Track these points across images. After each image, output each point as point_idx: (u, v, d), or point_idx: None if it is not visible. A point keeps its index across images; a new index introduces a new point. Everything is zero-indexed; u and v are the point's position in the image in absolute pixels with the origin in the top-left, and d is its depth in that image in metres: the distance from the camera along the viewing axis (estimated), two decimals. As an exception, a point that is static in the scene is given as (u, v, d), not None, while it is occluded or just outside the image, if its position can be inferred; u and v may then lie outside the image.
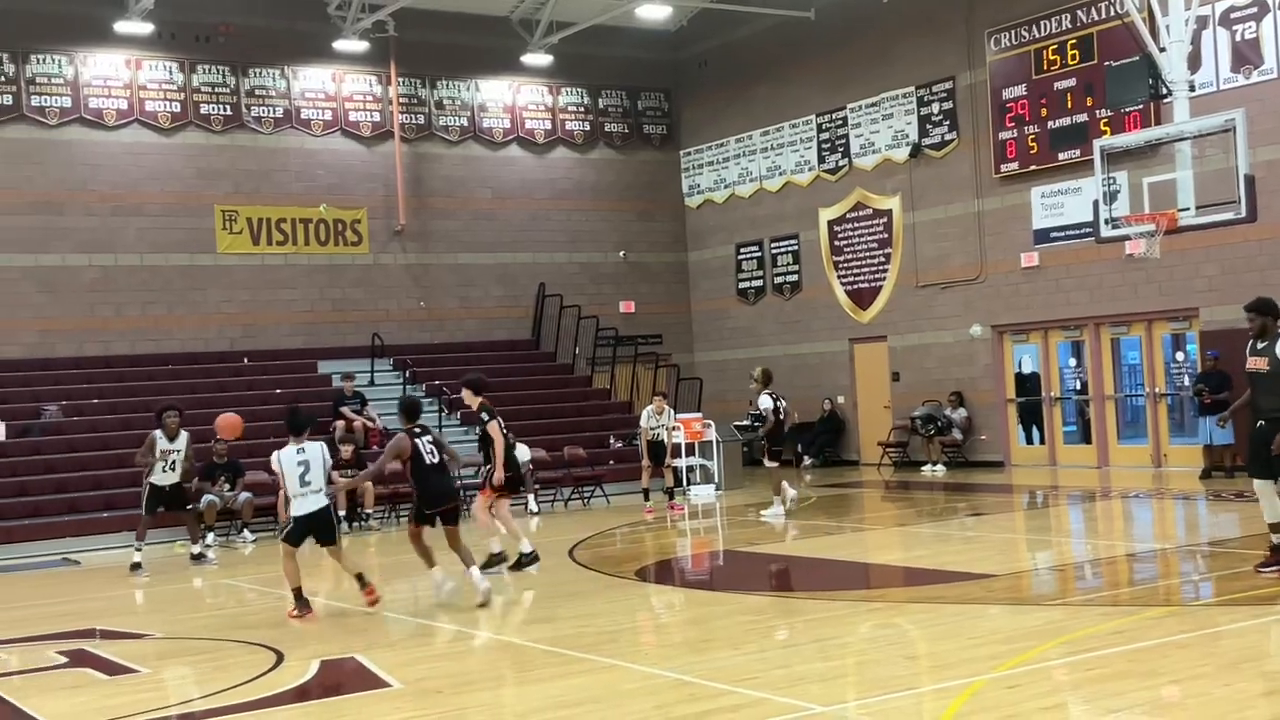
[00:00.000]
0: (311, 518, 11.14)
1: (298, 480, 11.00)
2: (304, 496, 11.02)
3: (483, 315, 26.01)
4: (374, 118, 25.12)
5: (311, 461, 11.08)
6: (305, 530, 11.22)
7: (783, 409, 17.44)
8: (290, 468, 11.04)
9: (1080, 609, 10.00)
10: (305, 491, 11.01)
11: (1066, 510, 17.40)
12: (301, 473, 11.00)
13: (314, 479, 11.06)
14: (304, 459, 11.07)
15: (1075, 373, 22.07)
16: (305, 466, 11.02)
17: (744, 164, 27.14)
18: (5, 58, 21.99)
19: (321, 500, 11.14)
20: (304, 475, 11.00)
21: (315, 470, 11.08)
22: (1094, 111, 20.56)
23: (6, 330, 21.76)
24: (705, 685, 7.85)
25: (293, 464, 11.05)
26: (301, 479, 11.00)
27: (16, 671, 9.73)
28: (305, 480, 11.00)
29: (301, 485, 10.99)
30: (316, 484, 11.08)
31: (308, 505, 11.06)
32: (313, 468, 11.06)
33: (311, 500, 11.08)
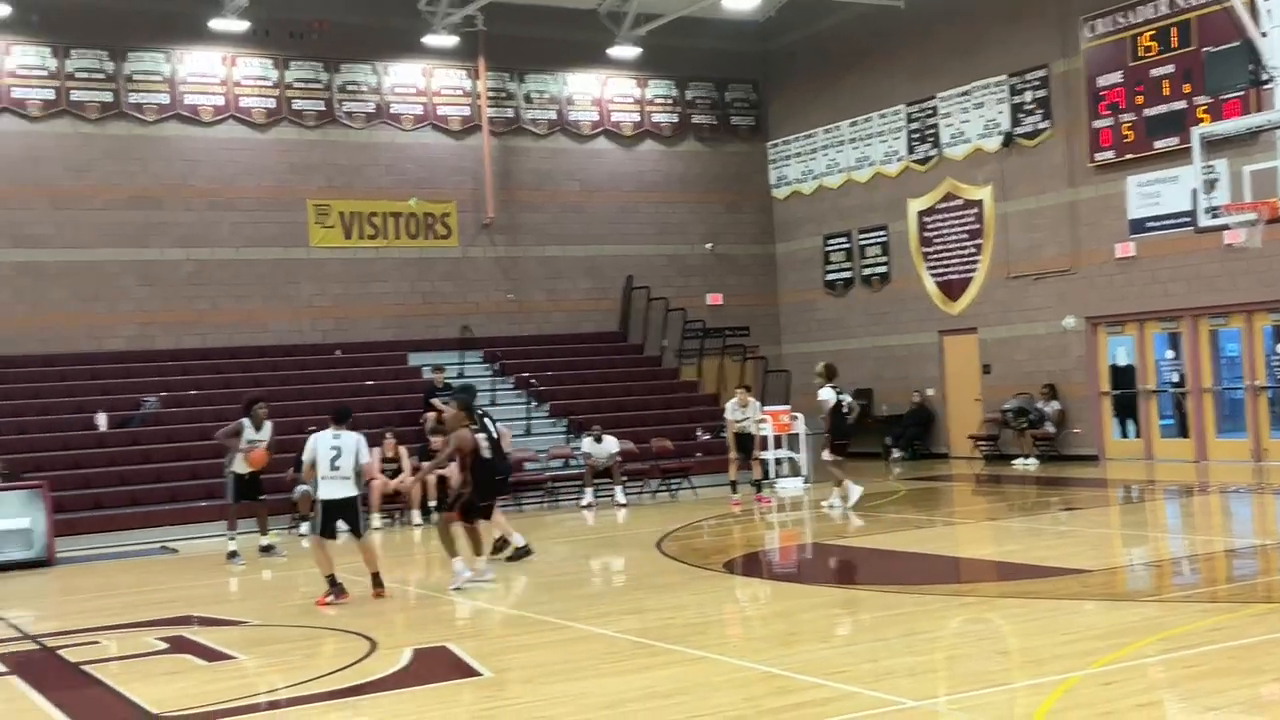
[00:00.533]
0: (338, 504, 11.41)
1: (328, 463, 11.31)
2: (331, 480, 11.33)
3: (570, 307, 26.14)
4: (463, 112, 25.33)
5: (344, 449, 11.37)
6: (332, 517, 11.51)
7: (845, 403, 17.48)
8: (324, 450, 11.38)
9: (1178, 605, 9.79)
10: (334, 476, 11.32)
11: (1163, 505, 17.05)
12: (333, 457, 11.32)
13: (343, 465, 11.34)
14: (338, 445, 11.38)
15: (1172, 365, 21.60)
16: (338, 452, 11.33)
17: (832, 155, 26.94)
18: (105, 56, 22.53)
19: (349, 489, 11.40)
20: (335, 460, 11.31)
21: (346, 458, 11.36)
22: (1192, 98, 20.08)
23: (108, 323, 22.32)
24: (794, 678, 7.82)
25: (326, 447, 11.40)
26: (332, 463, 11.31)
27: (117, 657, 9.98)
28: (335, 465, 11.30)
29: (331, 469, 11.29)
30: (345, 471, 11.36)
31: (334, 490, 11.35)
32: (344, 454, 11.35)
33: (338, 486, 11.35)
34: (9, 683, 9.12)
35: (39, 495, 16.27)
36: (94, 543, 17.30)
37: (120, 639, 10.65)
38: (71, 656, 9.96)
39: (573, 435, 21.65)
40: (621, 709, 7.39)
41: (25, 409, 20.32)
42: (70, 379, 21.38)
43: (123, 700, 8.33)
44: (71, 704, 8.29)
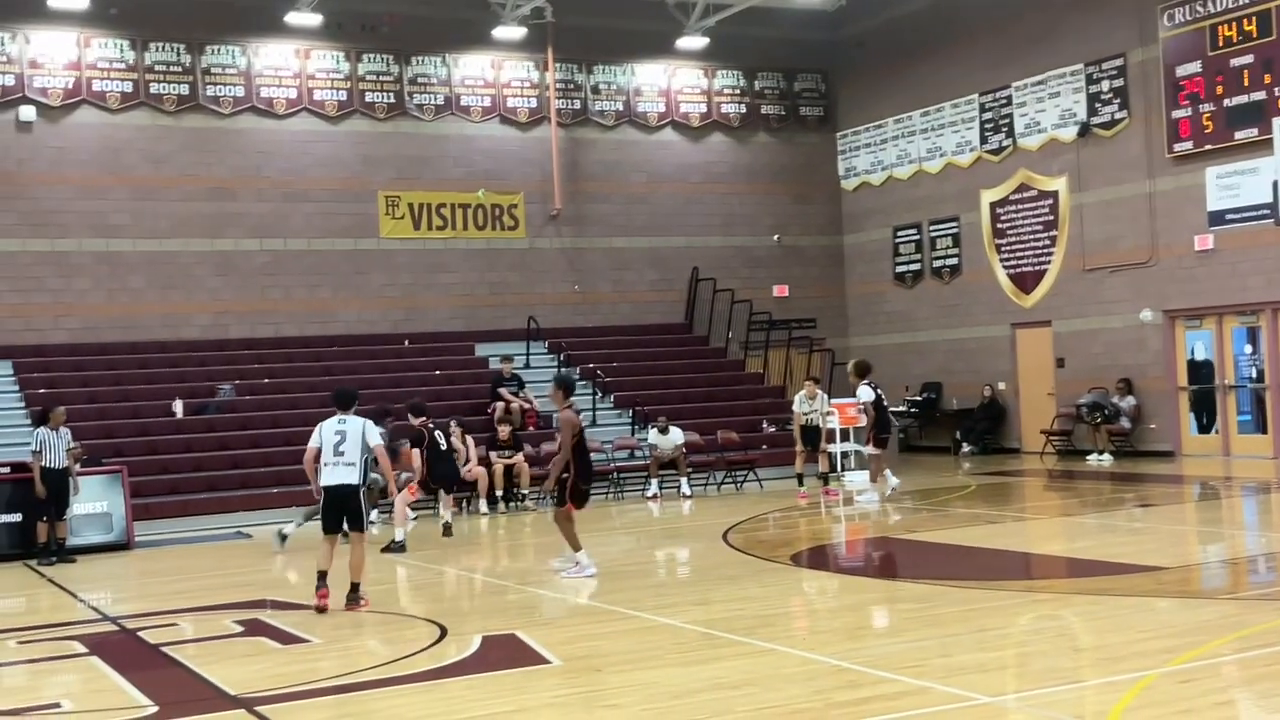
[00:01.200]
0: (338, 492, 10.92)
1: (331, 449, 10.95)
2: (334, 466, 10.92)
3: (636, 299, 26.15)
4: (531, 104, 25.43)
5: (349, 434, 10.98)
6: (333, 505, 10.95)
7: (882, 397, 18.14)
8: (327, 436, 11.03)
9: (1255, 603, 9.63)
10: (336, 461, 10.92)
11: (1240, 502, 16.74)
12: (337, 442, 10.94)
13: (348, 451, 10.94)
14: (342, 429, 11.01)
15: (1251, 360, 21.19)
16: (342, 437, 10.96)
17: (902, 145, 26.71)
18: (182, 49, 22.88)
19: (352, 476, 10.93)
20: (338, 445, 10.92)
21: (351, 444, 10.95)
22: (1272, 89, 19.67)
23: (184, 312, 22.70)
24: (864, 672, 7.78)
25: (330, 432, 11.03)
26: (335, 448, 10.93)
27: (195, 639, 10.16)
28: (339, 450, 10.92)
29: (334, 454, 10.92)
30: (350, 457, 10.94)
31: (336, 476, 10.91)
32: (349, 440, 10.95)
33: (341, 472, 10.92)
34: (90, 663, 9.32)
35: (118, 480, 16.61)
36: (171, 527, 17.61)
37: (197, 621, 10.85)
38: (150, 638, 10.15)
39: (638, 426, 21.69)
40: (689, 699, 7.40)
41: (104, 395, 20.73)
42: (148, 366, 21.77)
43: (201, 681, 8.48)
44: (151, 684, 8.45)
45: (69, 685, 8.77)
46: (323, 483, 10.96)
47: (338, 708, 7.71)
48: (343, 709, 7.69)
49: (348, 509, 10.95)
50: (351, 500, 10.94)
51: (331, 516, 11.00)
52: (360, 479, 10.97)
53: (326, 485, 10.93)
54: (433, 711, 7.50)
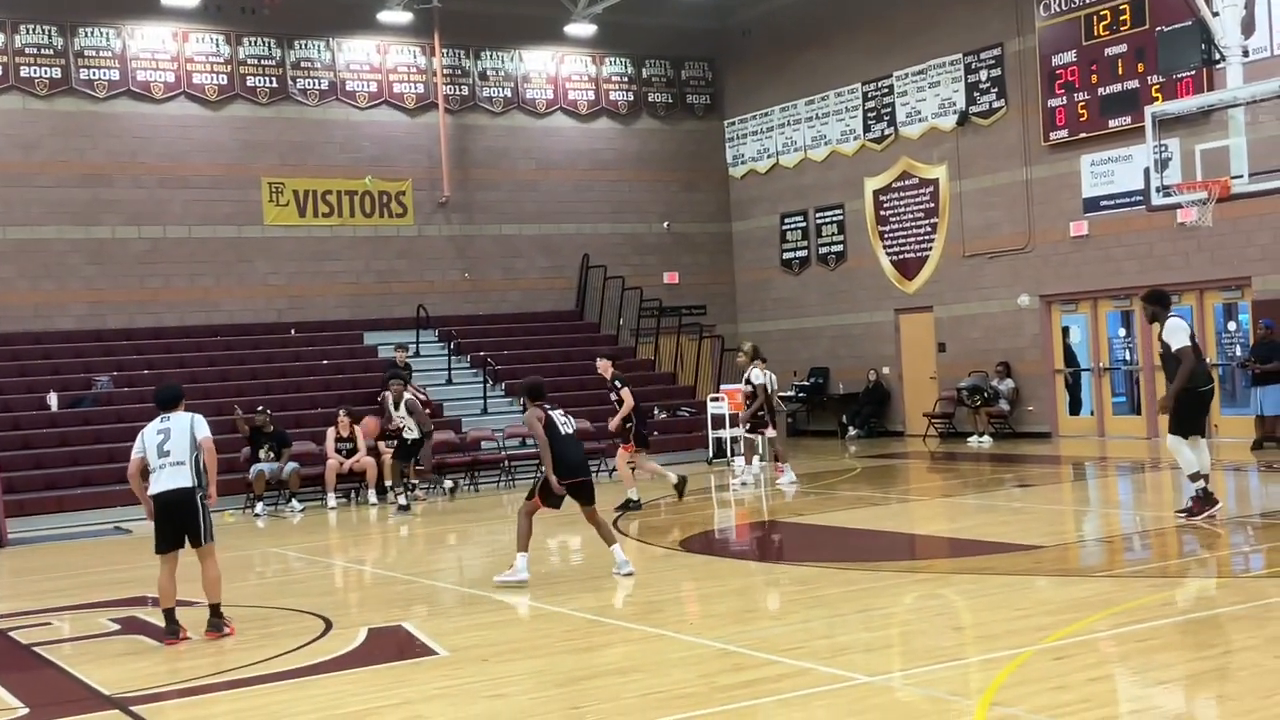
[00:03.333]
0: (171, 499, 9.29)
1: (155, 450, 9.33)
2: (160, 470, 9.30)
3: (527, 286, 26.05)
4: (418, 89, 25.14)
5: (174, 430, 9.38)
6: (168, 517, 9.33)
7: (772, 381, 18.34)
8: (150, 439, 9.43)
9: (1129, 580, 9.91)
10: (164, 464, 9.30)
11: (1115, 481, 17.24)
12: (160, 442, 9.34)
13: (174, 449, 9.33)
14: (165, 427, 9.41)
15: (1124, 343, 21.83)
16: (165, 435, 9.36)
17: (788, 133, 26.97)
18: (54, 31, 22.18)
19: (183, 478, 9.28)
20: (163, 444, 9.33)
21: (177, 439, 9.35)
22: (1145, 78, 20.24)
23: (58, 302, 22.04)
24: (750, 655, 7.85)
25: (153, 432, 9.45)
26: (160, 448, 9.32)
27: (70, 639, 9.89)
28: (164, 450, 9.31)
29: (159, 455, 9.30)
30: (178, 455, 9.31)
31: (164, 480, 9.28)
32: (174, 436, 9.35)
33: (170, 475, 9.29)
34: (-42, 666, 9.00)
35: (-12, 476, 16.07)
36: (46, 524, 17.15)
37: (73, 620, 10.56)
38: (23, 638, 9.86)
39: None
40: (576, 687, 7.40)
41: (-27, 389, 20.04)
42: (21, 358, 21.11)
43: (75, 681, 8.25)
44: (22, 685, 8.20)
45: (-65, 689, 8.46)
46: (151, 490, 9.36)
47: (214, 705, 7.56)
48: (220, 707, 7.54)
49: (181, 517, 9.32)
50: (185, 507, 9.30)
51: (168, 529, 9.37)
52: (194, 480, 9.33)
53: (155, 493, 9.33)
54: (315, 706, 7.39)
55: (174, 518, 9.32)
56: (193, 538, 9.37)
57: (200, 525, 9.34)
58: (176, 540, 9.39)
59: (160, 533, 9.40)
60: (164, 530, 9.39)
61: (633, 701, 6.99)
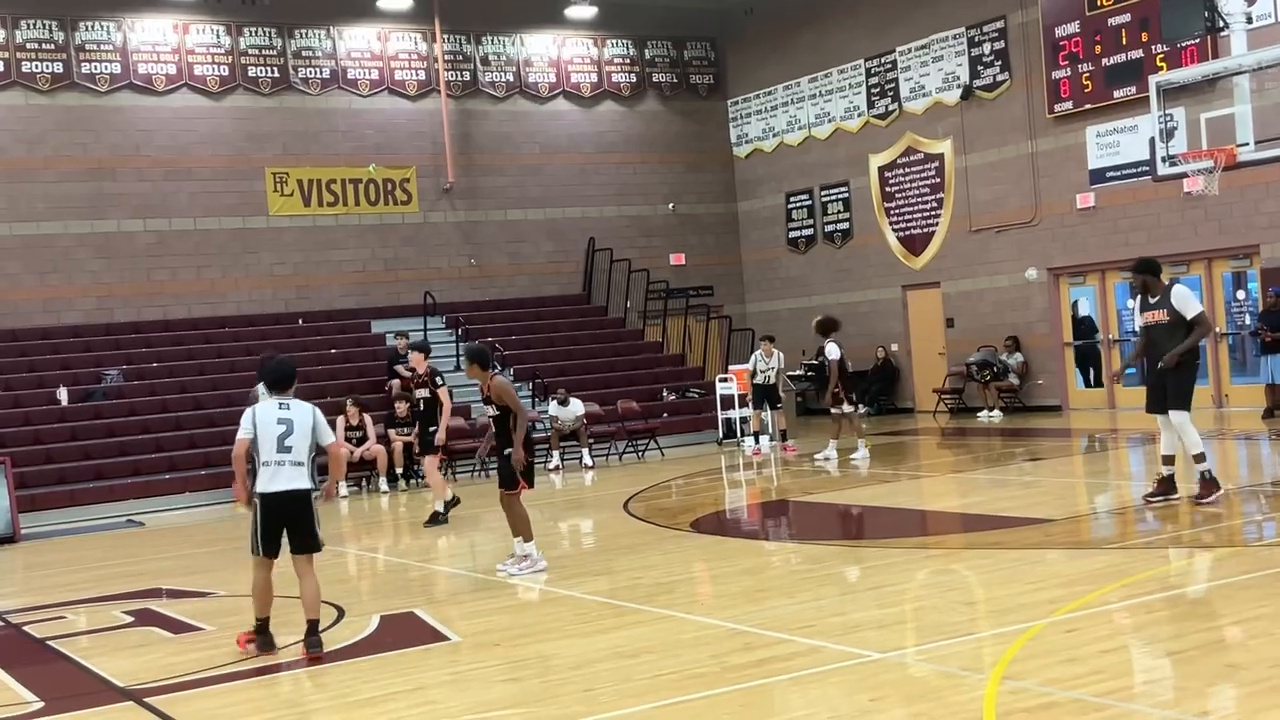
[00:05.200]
0: (286, 501, 8.25)
1: (274, 443, 8.23)
2: (278, 467, 8.24)
3: (533, 271, 26.03)
4: (419, 76, 25.10)
5: (296, 424, 8.30)
6: (277, 521, 8.30)
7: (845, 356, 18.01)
8: (268, 425, 8.27)
9: (1141, 552, 9.90)
10: (283, 460, 8.24)
11: (1126, 453, 17.20)
12: (281, 434, 8.25)
13: (296, 447, 8.25)
14: (286, 416, 8.33)
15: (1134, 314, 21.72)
16: (287, 428, 8.26)
17: (792, 112, 26.87)
18: (54, 25, 22.16)
19: (302, 479, 8.28)
20: (284, 438, 8.25)
21: (300, 437, 8.28)
22: (1149, 47, 20.13)
23: (66, 296, 22.08)
24: (761, 634, 7.85)
25: (272, 420, 8.29)
26: (280, 442, 8.24)
27: (84, 631, 9.92)
28: (285, 445, 8.23)
29: (280, 450, 8.23)
30: (298, 455, 8.26)
31: (280, 480, 8.23)
32: (297, 432, 8.28)
33: (288, 474, 8.24)
34: (-27, 661, 9.04)
35: (1, 472, 16.12)
36: (58, 518, 17.22)
37: (87, 613, 10.60)
38: (37, 632, 9.89)
39: (539, 399, 21.63)
40: (588, 669, 7.40)
41: (-16, 386, 20.10)
42: (30, 354, 21.16)
43: (89, 674, 8.28)
44: (37, 679, 8.24)
45: (-49, 684, 8.50)
46: (261, 488, 8.24)
47: (228, 696, 7.58)
48: (233, 697, 7.56)
49: (295, 524, 8.35)
50: (301, 511, 8.33)
51: (274, 532, 8.35)
52: (312, 482, 8.38)
53: (267, 492, 8.23)
54: (328, 695, 7.41)
55: (284, 520, 8.31)
56: (302, 543, 8.39)
57: (314, 531, 8.43)
58: (279, 544, 8.40)
59: (265, 534, 8.32)
60: (271, 532, 8.33)
61: (645, 683, 7.00)
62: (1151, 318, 11.57)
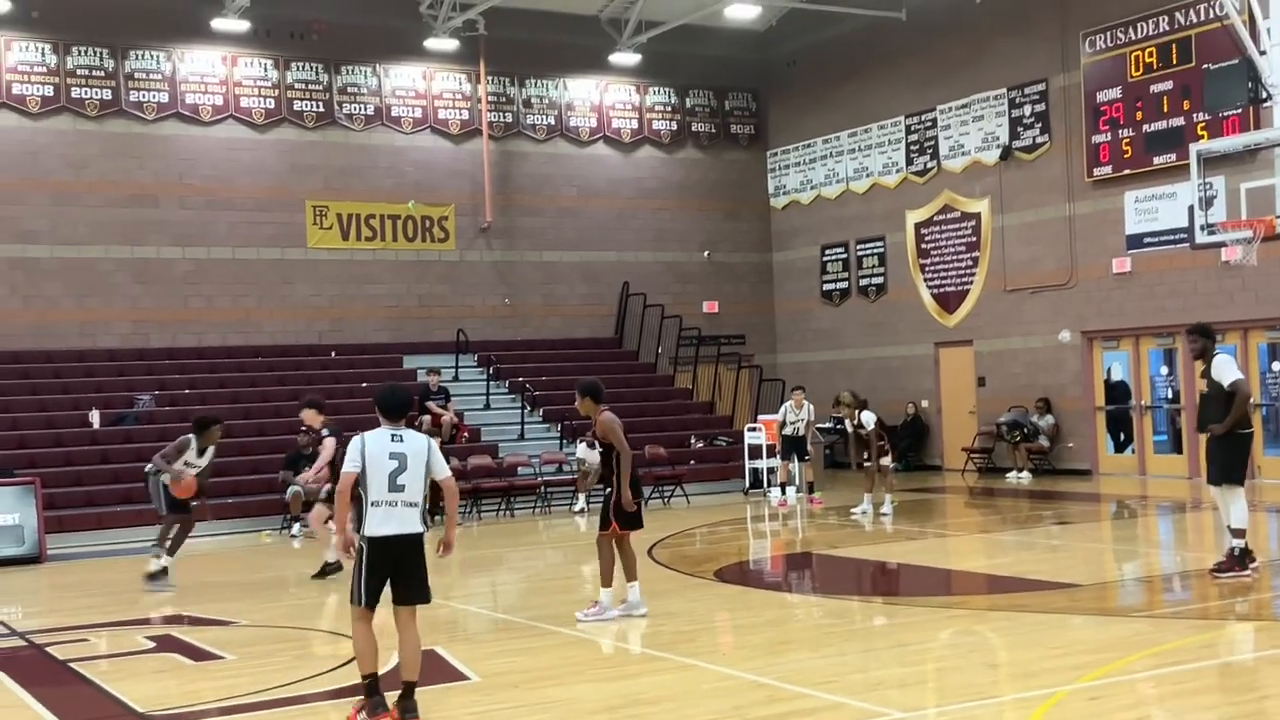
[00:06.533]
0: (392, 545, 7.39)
1: (386, 480, 7.38)
2: (389, 508, 7.39)
3: (566, 313, 26.13)
4: (462, 115, 25.34)
5: (410, 458, 7.48)
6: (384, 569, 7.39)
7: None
8: (379, 457, 7.42)
9: (1168, 621, 9.79)
10: (395, 500, 7.39)
11: (1155, 521, 17.05)
12: (394, 470, 7.40)
13: (409, 485, 7.44)
14: (400, 450, 7.48)
15: (1167, 381, 21.62)
16: (400, 464, 7.43)
17: (830, 165, 26.97)
18: (105, 53, 22.52)
19: (414, 522, 7.45)
20: (397, 475, 7.41)
21: (414, 474, 7.47)
22: (1191, 115, 20.12)
23: (103, 320, 22.29)
24: (782, 688, 7.80)
25: (384, 454, 7.44)
26: (393, 480, 7.39)
27: (105, 655, 9.95)
28: (397, 482, 7.39)
29: (391, 488, 7.38)
30: (413, 493, 7.44)
31: (392, 523, 7.38)
32: (411, 468, 7.46)
33: (400, 517, 7.40)
34: (-5, 679, 9.09)
35: (30, 491, 16.25)
36: (85, 540, 17.29)
37: (109, 637, 10.63)
38: (59, 654, 9.93)
39: (566, 441, 21.64)
40: (609, 715, 7.37)
41: (18, 404, 20.29)
42: (64, 375, 21.34)
43: (109, 698, 8.30)
44: (58, 701, 8.27)
45: (-27, 702, 8.54)
46: (370, 531, 7.36)
47: (250, 725, 7.59)
48: (255, 726, 7.57)
49: (402, 570, 7.42)
50: (411, 557, 7.44)
51: (380, 580, 7.41)
52: (424, 524, 7.55)
53: (377, 536, 7.35)
54: (347, 728, 7.40)
55: (393, 566, 7.40)
56: (410, 594, 7.45)
57: (425, 581, 7.50)
58: (381, 593, 7.47)
59: (371, 581, 7.37)
60: (377, 579, 7.39)
61: (664, 732, 6.96)
62: (1201, 387, 11.56)
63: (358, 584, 7.40)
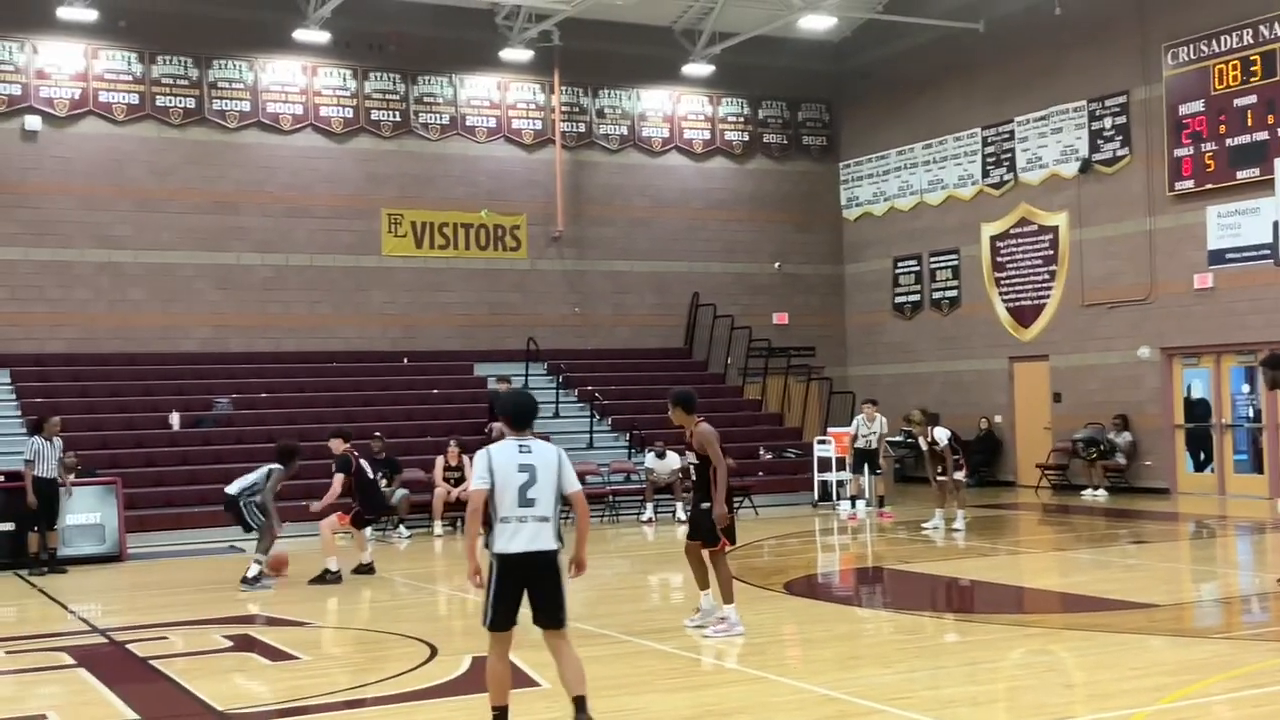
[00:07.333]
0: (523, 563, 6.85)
1: (516, 494, 6.83)
2: (520, 524, 6.84)
3: (636, 322, 26.19)
4: (536, 125, 25.51)
5: (540, 469, 6.90)
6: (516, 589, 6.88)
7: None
8: (505, 469, 6.86)
9: (1248, 643, 9.60)
10: (525, 516, 6.84)
11: (1235, 541, 16.73)
12: (523, 484, 6.84)
13: (540, 499, 6.86)
14: (529, 463, 6.90)
15: (1248, 399, 21.21)
16: (530, 475, 6.86)
17: (904, 177, 26.79)
18: (189, 63, 22.96)
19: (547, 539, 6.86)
20: (527, 488, 6.85)
21: (544, 487, 6.89)
22: (1275, 130, 19.75)
23: (184, 324, 22.71)
24: (853, 702, 7.76)
25: (513, 466, 6.87)
26: (523, 494, 6.83)
27: (183, 653, 10.13)
28: (528, 496, 6.83)
29: (521, 502, 6.83)
30: (545, 507, 6.86)
31: (522, 539, 6.83)
32: (540, 480, 6.88)
33: (531, 532, 6.84)
34: (77, 675, 9.29)
35: (112, 491, 16.59)
36: (164, 540, 17.60)
37: (187, 635, 10.81)
38: (139, 651, 10.12)
39: (635, 450, 21.68)
40: (679, 726, 7.37)
41: (101, 406, 20.73)
42: (146, 378, 21.78)
43: (188, 695, 8.45)
44: (137, 697, 8.43)
45: (55, 697, 8.74)
46: (500, 549, 6.84)
47: (325, 726, 7.68)
48: (330, 727, 7.66)
49: (540, 590, 6.91)
50: (549, 577, 6.90)
51: (512, 600, 6.91)
52: (558, 541, 6.96)
53: (507, 553, 6.83)
54: (420, 732, 7.46)
55: (525, 586, 6.90)
56: (547, 616, 6.95)
57: (561, 601, 6.95)
58: (515, 615, 6.95)
59: (500, 602, 6.86)
60: (507, 599, 6.87)
61: (734, 743, 6.95)
62: None
63: (488, 605, 6.90)
